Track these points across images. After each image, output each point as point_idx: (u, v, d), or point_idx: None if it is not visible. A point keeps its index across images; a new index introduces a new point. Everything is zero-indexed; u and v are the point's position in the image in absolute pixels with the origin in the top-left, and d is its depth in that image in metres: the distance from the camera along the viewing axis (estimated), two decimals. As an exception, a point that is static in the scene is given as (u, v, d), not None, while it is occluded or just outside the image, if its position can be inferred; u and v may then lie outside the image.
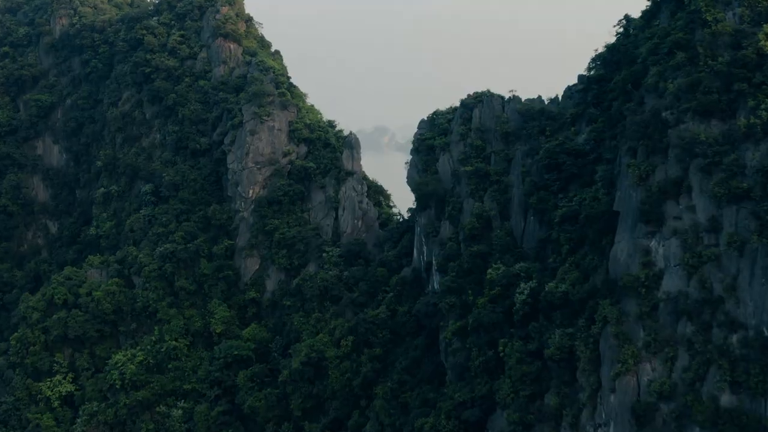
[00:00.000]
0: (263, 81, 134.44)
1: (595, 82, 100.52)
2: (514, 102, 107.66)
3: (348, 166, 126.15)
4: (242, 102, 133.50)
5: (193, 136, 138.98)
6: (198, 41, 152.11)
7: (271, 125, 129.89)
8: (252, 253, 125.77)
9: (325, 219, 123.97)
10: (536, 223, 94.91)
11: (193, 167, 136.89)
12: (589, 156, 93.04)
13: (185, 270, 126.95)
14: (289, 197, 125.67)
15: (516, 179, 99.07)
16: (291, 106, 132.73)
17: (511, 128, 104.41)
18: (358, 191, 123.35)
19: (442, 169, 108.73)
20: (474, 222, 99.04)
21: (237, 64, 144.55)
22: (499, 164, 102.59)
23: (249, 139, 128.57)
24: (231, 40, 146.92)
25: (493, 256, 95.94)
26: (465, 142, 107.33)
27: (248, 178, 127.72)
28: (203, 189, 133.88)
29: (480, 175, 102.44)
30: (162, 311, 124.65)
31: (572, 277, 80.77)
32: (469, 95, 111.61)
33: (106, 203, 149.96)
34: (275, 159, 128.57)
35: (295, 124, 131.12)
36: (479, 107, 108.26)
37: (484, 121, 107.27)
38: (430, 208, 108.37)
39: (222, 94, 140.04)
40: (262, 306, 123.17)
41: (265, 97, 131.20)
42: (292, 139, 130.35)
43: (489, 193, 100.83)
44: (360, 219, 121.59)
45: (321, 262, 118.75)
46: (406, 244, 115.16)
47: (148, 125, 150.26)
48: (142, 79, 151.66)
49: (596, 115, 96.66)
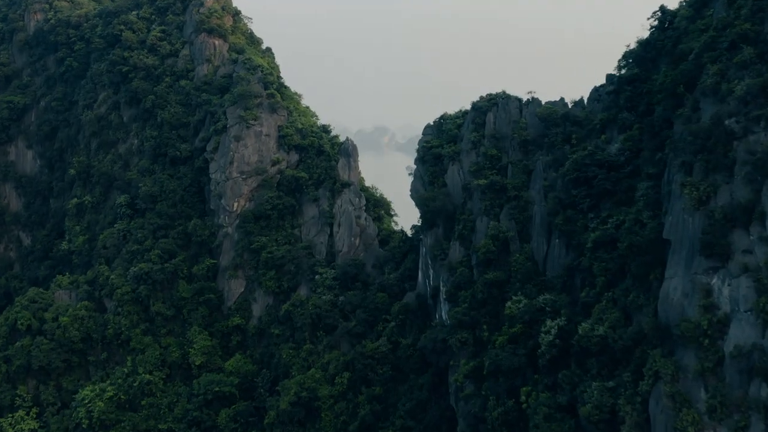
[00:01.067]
0: (250, 81, 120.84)
1: (627, 82, 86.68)
2: (534, 105, 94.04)
3: (344, 176, 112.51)
4: (226, 104, 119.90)
5: (173, 142, 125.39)
6: (180, 37, 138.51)
7: (258, 130, 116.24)
8: (236, 274, 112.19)
9: (318, 236, 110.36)
10: (562, 247, 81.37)
11: (172, 177, 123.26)
12: (623, 169, 79.36)
13: (162, 293, 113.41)
14: (278, 211, 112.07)
15: (537, 195, 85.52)
16: (281, 109, 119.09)
17: (531, 135, 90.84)
18: (356, 205, 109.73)
19: (452, 182, 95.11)
20: (489, 244, 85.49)
21: (222, 62, 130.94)
22: (518, 177, 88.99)
23: (233, 146, 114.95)
24: (216, 36, 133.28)
25: (512, 286, 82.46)
26: (477, 150, 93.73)
27: (232, 189, 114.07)
28: (183, 201, 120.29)
29: (495, 190, 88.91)
30: (135, 339, 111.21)
31: (612, 317, 67.12)
32: (481, 97, 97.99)
33: (79, 215, 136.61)
34: (262, 168, 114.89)
35: (285, 129, 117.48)
36: (493, 111, 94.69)
37: (499, 126, 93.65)
38: (438, 226, 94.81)
39: (205, 95, 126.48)
40: (248, 334, 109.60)
41: (252, 99, 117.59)
42: (281, 146, 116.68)
43: (506, 211, 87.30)
44: (357, 236, 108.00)
45: (313, 286, 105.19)
46: (409, 266, 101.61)
47: (125, 129, 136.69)
48: (120, 79, 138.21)
49: (630, 121, 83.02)
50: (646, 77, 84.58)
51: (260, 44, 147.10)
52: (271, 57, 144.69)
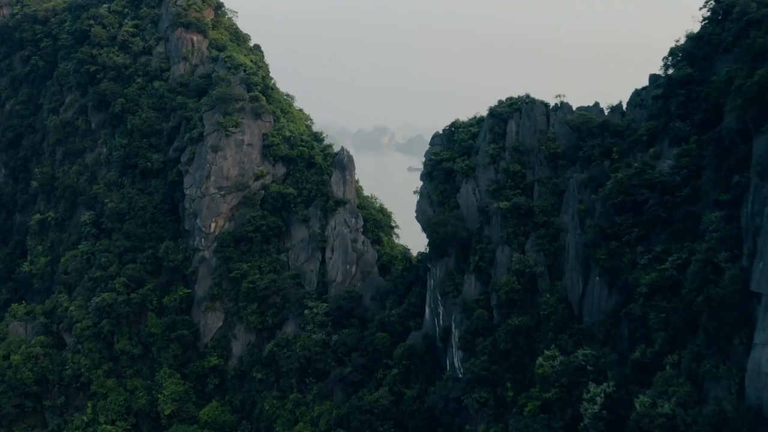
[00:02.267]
0: (230, 82, 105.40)
1: (680, 84, 71.27)
2: (564, 111, 78.70)
3: (338, 192, 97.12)
4: (203, 109, 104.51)
5: (144, 152, 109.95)
6: (155, 33, 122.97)
7: (239, 139, 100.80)
8: (214, 306, 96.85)
9: (308, 263, 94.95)
10: (603, 287, 66.15)
11: (142, 192, 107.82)
12: (679, 191, 64.06)
13: (127, 328, 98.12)
14: (261, 233, 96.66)
15: (571, 221, 70.23)
16: (266, 114, 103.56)
17: (562, 147, 75.58)
18: (352, 226, 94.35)
19: (465, 203, 79.80)
20: (512, 281, 70.26)
21: (201, 60, 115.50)
22: (547, 199, 73.74)
23: (210, 157, 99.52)
24: (194, 31, 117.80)
25: (543, 334, 67.28)
26: (497, 166, 78.50)
27: (209, 207, 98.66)
28: (154, 220, 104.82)
29: (519, 214, 73.69)
30: (97, 382, 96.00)
31: (681, 391, 51.67)
32: (500, 102, 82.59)
33: (42, 233, 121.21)
34: (244, 183, 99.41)
35: (270, 137, 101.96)
36: (515, 118, 79.35)
37: (523, 137, 78.32)
38: (449, 255, 79.56)
39: (180, 98, 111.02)
40: (226, 377, 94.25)
41: (232, 103, 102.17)
42: (266, 157, 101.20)
43: (532, 240, 72.07)
44: (354, 263, 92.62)
45: (302, 322, 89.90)
46: (415, 300, 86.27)
47: (93, 137, 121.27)
48: (87, 80, 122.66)
49: (686, 132, 67.83)
50: (701, 78, 69.43)
51: (247, 41, 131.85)
52: (259, 55, 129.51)
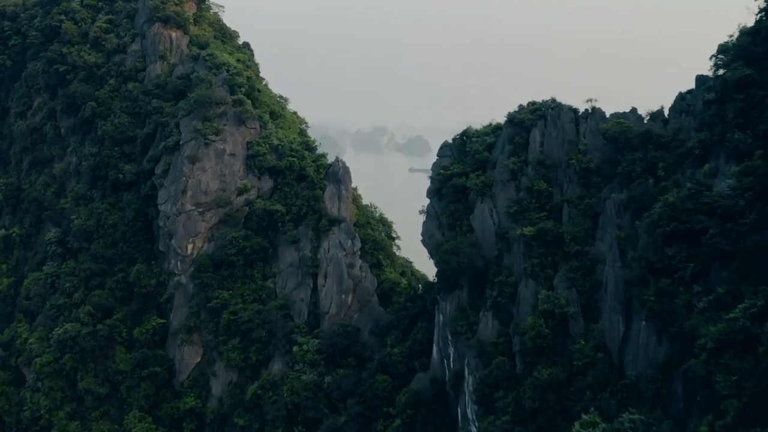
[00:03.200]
0: (211, 83, 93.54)
1: (737, 87, 59.33)
2: (596, 118, 66.80)
3: (332, 209, 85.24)
4: (180, 114, 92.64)
5: (116, 162, 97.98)
6: (130, 28, 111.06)
7: (219, 148, 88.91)
8: (191, 339, 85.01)
9: (297, 291, 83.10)
10: (651, 333, 54.38)
11: (113, 207, 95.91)
12: (744, 218, 52.27)
13: (93, 364, 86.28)
14: (244, 257, 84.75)
15: (609, 252, 58.47)
16: (251, 120, 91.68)
17: (595, 162, 63.70)
18: (348, 248, 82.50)
19: (481, 226, 67.91)
20: (539, 324, 58.46)
21: (180, 59, 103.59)
22: (578, 223, 61.89)
23: (187, 169, 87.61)
24: (173, 27, 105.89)
25: (578, 392, 55.42)
26: (518, 183, 66.66)
27: (185, 226, 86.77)
28: (125, 240, 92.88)
29: (546, 241, 61.89)
30: (58, 425, 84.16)
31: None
32: (521, 107, 70.63)
33: (7, 250, 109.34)
34: (225, 198, 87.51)
35: (256, 146, 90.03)
36: (539, 126, 67.45)
37: (549, 148, 66.41)
38: (461, 287, 67.81)
39: (156, 101, 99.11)
40: (205, 421, 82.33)
41: (213, 107, 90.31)
42: (250, 169, 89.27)
43: (563, 274, 60.27)
44: (350, 292, 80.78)
45: (290, 360, 78.12)
46: (421, 337, 74.41)
47: (62, 144, 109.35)
48: (57, 82, 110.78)
49: (747, 145, 56.03)
50: (763, 80, 57.67)
51: (234, 38, 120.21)
52: (247, 54, 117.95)
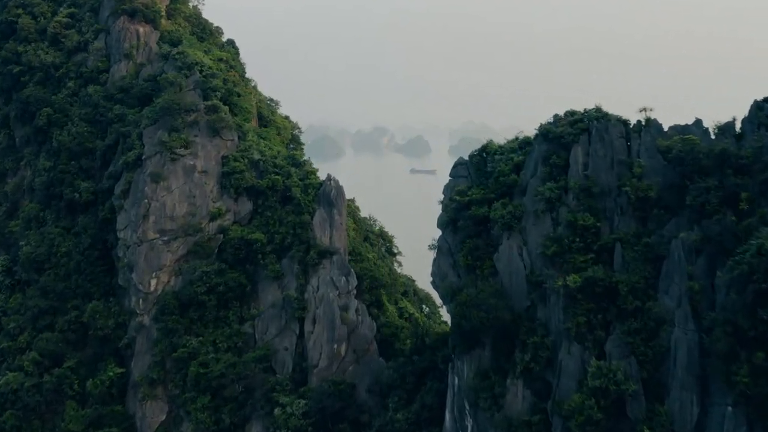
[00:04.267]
0: (181, 86, 79.43)
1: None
2: (652, 133, 52.70)
3: (323, 238, 71.01)
4: (143, 123, 78.50)
5: (72, 179, 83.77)
6: (94, 23, 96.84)
7: (189, 164, 74.67)
8: (154, 394, 70.68)
9: (281, 338, 68.87)
10: (741, 423, 40.78)
11: (67, 231, 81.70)
12: None
13: (39, 422, 72.13)
14: (217, 295, 70.49)
15: (680, 311, 44.60)
16: (227, 130, 77.48)
17: (655, 189, 49.70)
18: (342, 287, 68.29)
19: (507, 268, 53.77)
20: (590, 405, 44.49)
21: (148, 58, 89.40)
22: (636, 269, 47.83)
23: (150, 189, 73.37)
24: (140, 21, 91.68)
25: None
26: (556, 214, 52.54)
27: (148, 258, 72.55)
28: (80, 271, 78.66)
29: (595, 294, 47.88)
30: (-4, 497, 70.23)
31: None
32: (557, 117, 56.34)
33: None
34: (195, 225, 73.21)
35: (232, 161, 75.74)
36: (582, 143, 53.30)
37: (595, 171, 52.21)
38: (483, 345, 53.74)
39: (119, 107, 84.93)
40: (170, 495, 68.41)
41: (182, 116, 76.16)
42: (225, 189, 74.96)
43: (618, 337, 46.31)
44: (344, 341, 66.60)
45: (272, 424, 63.91)
46: (430, 400, 60.16)
47: (16, 156, 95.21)
48: (11, 84, 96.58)
49: None
50: None
51: (216, 35, 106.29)
52: (231, 52, 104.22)
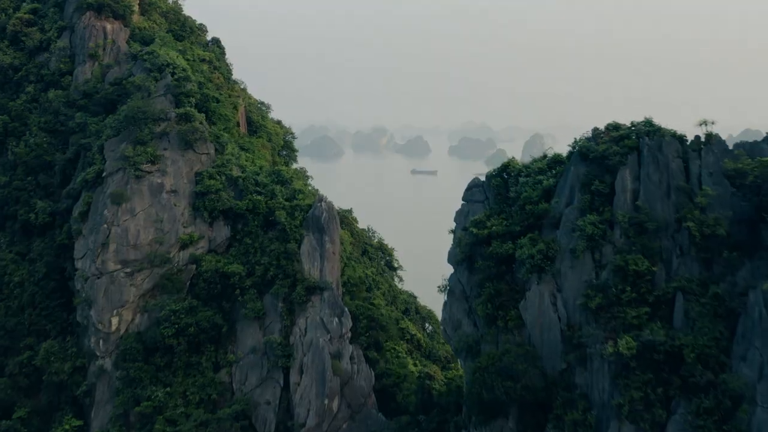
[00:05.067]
0: (150, 91, 68.88)
1: None
2: (716, 152, 42.16)
3: (312, 271, 60.40)
4: (105, 134, 67.95)
5: (27, 197, 73.25)
6: (59, 20, 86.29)
7: (156, 183, 64.06)
8: (115, 453, 60.23)
9: (262, 390, 58.25)
10: None
11: (22, 258, 71.14)
12: None
13: (-20, 485, 61.79)
14: (188, 338, 59.89)
15: (763, 384, 34.04)
16: (201, 143, 66.87)
17: (725, 225, 39.15)
18: (334, 329, 57.76)
19: (536, 319, 43.18)
20: None
21: (116, 58, 78.87)
22: (705, 328, 37.30)
23: (110, 213, 62.77)
24: (108, 18, 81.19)
25: None
26: (599, 255, 41.97)
27: (109, 293, 61.97)
28: (34, 304, 68.02)
29: (654, 362, 37.33)
30: None
31: None
32: (597, 131, 45.76)
33: None
34: (163, 255, 62.55)
35: (207, 179, 65.10)
36: (630, 164, 42.73)
37: (648, 200, 41.59)
38: (505, 416, 43.19)
39: (81, 115, 74.40)
40: None
41: (149, 126, 65.62)
42: (199, 212, 64.29)
43: (684, 417, 35.80)
44: (336, 395, 56.01)
45: (251, 497, 53.50)
46: (440, 472, 49.80)
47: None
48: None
49: None
50: None
51: (199, 33, 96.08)
52: (216, 51, 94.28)
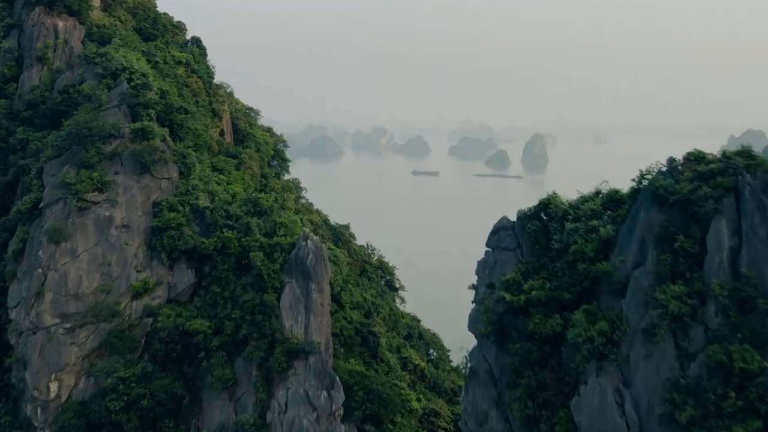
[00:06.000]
0: (101, 101, 56.89)
1: None
2: None
3: (296, 329, 48.28)
4: (45, 154, 55.91)
5: (-42, 230, 61.23)
6: (6, 16, 74.24)
7: (104, 216, 52.00)
8: None
9: (231, 482, 46.51)
10: None
11: (-51, 303, 59.19)
12: None
13: None
14: (140, 413, 47.86)
15: None
16: (161, 165, 54.74)
17: None
18: (322, 406, 45.71)
19: (594, 427, 31.31)
20: None
21: (68, 62, 66.78)
22: None
23: (45, 254, 50.66)
24: (61, 14, 69.12)
25: None
26: (686, 341, 30.01)
27: (45, 352, 49.92)
28: (-39, 363, 56.13)
29: None
30: None
31: None
32: (673, 162, 33.45)
33: None
34: (110, 306, 50.35)
35: (166, 211, 52.92)
36: (727, 209, 30.74)
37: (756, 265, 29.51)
38: None
39: (24, 130, 62.32)
40: None
41: (97, 145, 53.59)
42: (156, 253, 52.16)
43: None
44: (325, 491, 44.22)
45: None
46: None
47: None
48: None
49: None
50: None
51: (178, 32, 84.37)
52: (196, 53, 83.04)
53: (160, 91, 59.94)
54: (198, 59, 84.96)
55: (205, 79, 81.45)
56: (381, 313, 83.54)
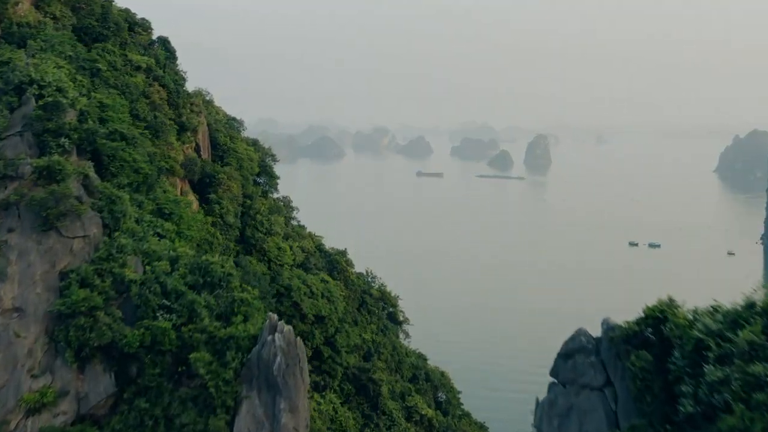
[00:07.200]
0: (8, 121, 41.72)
1: None
2: None
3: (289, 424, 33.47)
4: None
5: None
6: None
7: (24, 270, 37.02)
8: None
9: None
10: None
11: None
12: None
13: None
14: None
15: None
16: (72, 219, 39.21)
17: None
18: None
19: None
20: None
21: (-27, 71, 51.52)
22: None
23: None
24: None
25: None
26: None
27: None
28: None
29: None
30: None
31: None
32: None
33: None
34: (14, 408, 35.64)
35: (75, 289, 37.68)
36: None
37: None
38: None
39: None
40: None
41: None
42: (60, 349, 36.90)
43: None
44: None
45: None
46: None
47: None
48: None
49: None
50: None
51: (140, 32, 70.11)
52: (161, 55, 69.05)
53: (80, 111, 44.35)
54: (163, 63, 70.81)
55: (171, 88, 67.07)
56: (383, 353, 74.30)
